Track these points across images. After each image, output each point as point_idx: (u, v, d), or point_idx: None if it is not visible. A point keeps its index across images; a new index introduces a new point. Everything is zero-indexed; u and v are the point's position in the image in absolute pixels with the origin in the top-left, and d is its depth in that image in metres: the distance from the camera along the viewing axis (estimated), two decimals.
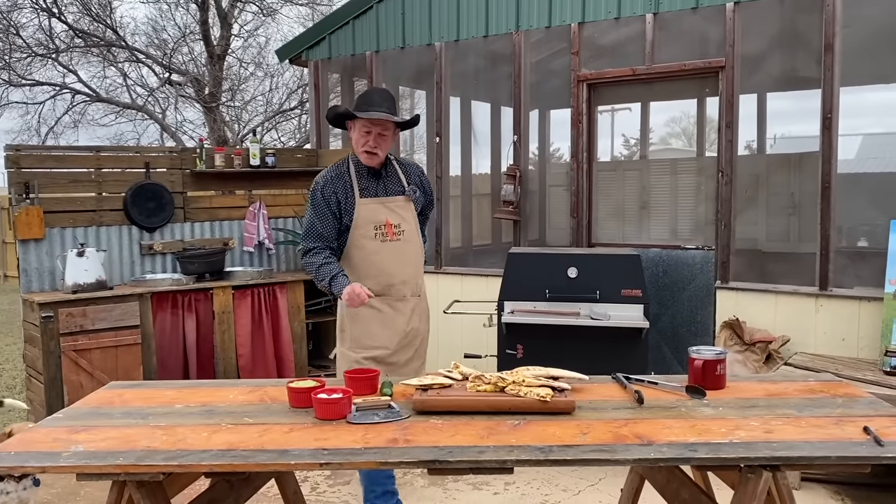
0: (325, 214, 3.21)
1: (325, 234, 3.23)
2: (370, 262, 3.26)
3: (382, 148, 3.17)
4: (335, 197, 3.20)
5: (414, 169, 3.46)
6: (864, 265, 4.88)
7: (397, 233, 3.25)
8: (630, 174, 6.68)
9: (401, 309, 3.31)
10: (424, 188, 3.44)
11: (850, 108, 4.81)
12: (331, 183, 3.23)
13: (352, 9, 6.41)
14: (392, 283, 3.29)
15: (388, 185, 3.29)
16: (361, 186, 3.23)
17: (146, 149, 6.09)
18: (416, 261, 3.40)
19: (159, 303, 5.25)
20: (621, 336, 4.21)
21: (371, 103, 3.12)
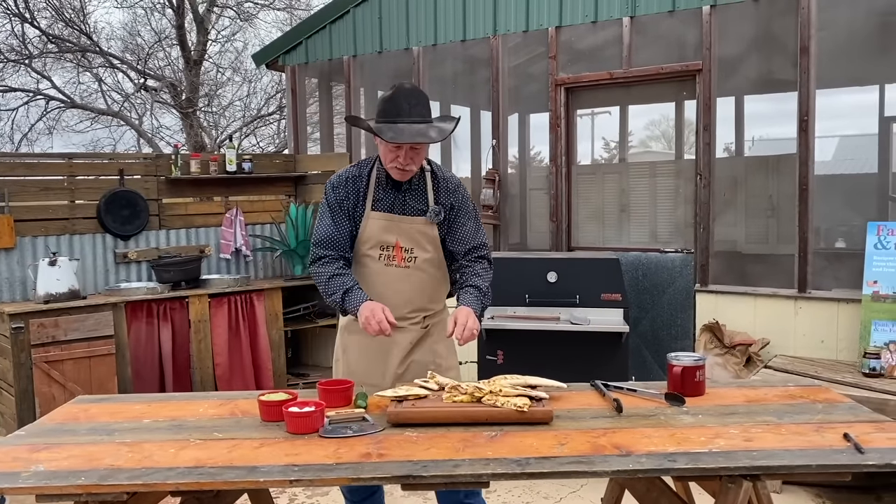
0: (340, 218, 2.72)
1: (339, 240, 2.71)
2: (368, 282, 2.73)
3: (417, 162, 2.63)
4: (349, 200, 2.72)
5: (448, 183, 2.75)
6: (842, 266, 4.89)
7: (407, 259, 2.69)
8: (609, 177, 6.66)
9: (397, 340, 2.70)
10: (456, 208, 2.74)
11: (825, 111, 4.84)
12: (345, 184, 2.74)
13: (329, 13, 6.36)
14: None
15: (408, 200, 2.70)
16: (376, 196, 2.70)
17: (120, 155, 5.99)
18: (428, 292, 2.77)
19: (134, 312, 5.15)
20: (602, 340, 4.18)
21: (399, 112, 2.54)
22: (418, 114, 2.57)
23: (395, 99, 2.58)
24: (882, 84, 7.07)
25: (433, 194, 2.73)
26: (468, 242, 2.77)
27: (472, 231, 2.79)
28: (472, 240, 2.78)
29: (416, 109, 2.57)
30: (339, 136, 7.46)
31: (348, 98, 6.32)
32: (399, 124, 2.53)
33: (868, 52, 5.67)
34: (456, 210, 2.76)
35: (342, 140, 6.60)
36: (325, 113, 6.96)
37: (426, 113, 2.61)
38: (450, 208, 2.74)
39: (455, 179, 2.82)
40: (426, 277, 2.75)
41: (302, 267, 6.06)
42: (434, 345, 2.81)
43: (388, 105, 2.57)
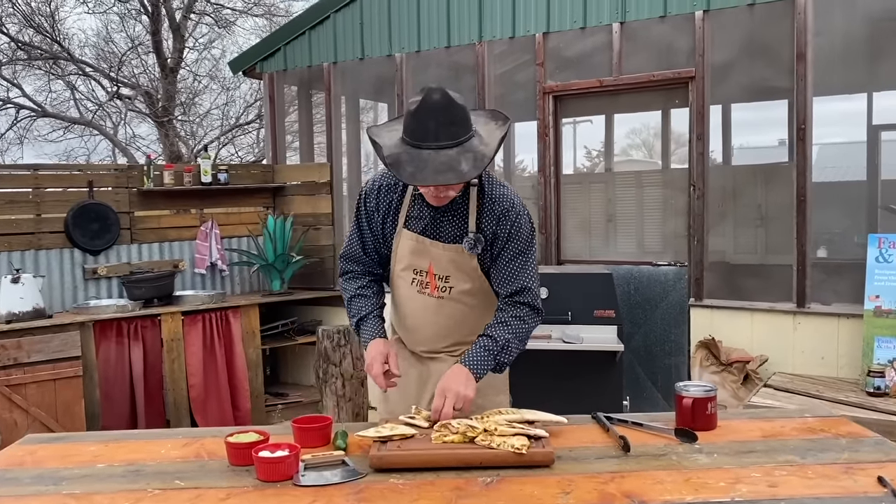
0: (368, 231, 2.35)
1: (366, 255, 2.37)
2: (401, 308, 2.41)
3: (453, 189, 2.14)
4: (379, 213, 2.32)
5: (495, 206, 2.21)
6: (841, 280, 4.73)
7: (441, 288, 2.27)
8: (595, 187, 6.50)
9: (434, 370, 2.36)
10: (501, 239, 2.22)
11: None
12: (376, 194, 2.31)
13: (308, 19, 6.15)
14: (423, 349, 2.43)
15: (444, 222, 2.24)
16: (410, 213, 2.28)
17: (89, 166, 5.74)
18: (469, 325, 2.33)
19: (103, 331, 4.90)
20: (595, 360, 3.99)
21: (425, 135, 2.01)
22: (448, 136, 2.01)
23: (419, 116, 2.03)
24: (870, 92, 6.97)
25: (475, 217, 2.21)
26: (509, 285, 2.25)
27: (515, 271, 2.24)
28: (514, 282, 2.24)
29: (446, 131, 2.01)
30: (319, 146, 7.23)
31: (328, 106, 6.11)
32: (424, 151, 2.00)
33: (857, 60, 5.55)
34: (501, 242, 2.22)
35: (323, 149, 6.38)
36: (304, 122, 6.74)
37: (461, 132, 2.03)
38: (493, 237, 2.22)
39: (507, 200, 2.22)
40: (465, 310, 2.31)
41: (280, 282, 5.83)
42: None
43: (412, 123, 2.05)
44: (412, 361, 2.44)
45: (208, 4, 12.62)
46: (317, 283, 6.07)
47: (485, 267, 2.27)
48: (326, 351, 4.18)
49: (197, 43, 12.83)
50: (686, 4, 4.62)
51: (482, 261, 2.26)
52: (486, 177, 2.26)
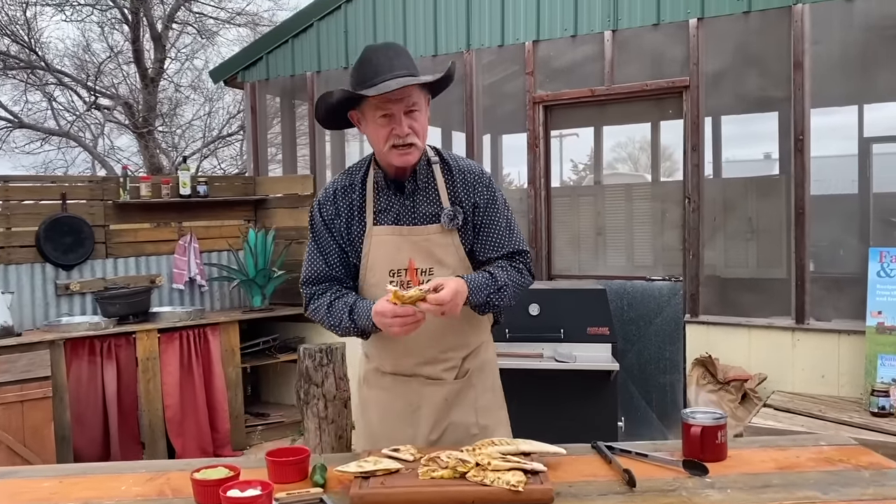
0: (329, 245, 2.14)
1: (332, 272, 2.15)
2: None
3: (419, 131, 2.02)
4: (341, 219, 2.13)
5: (466, 175, 2.13)
6: (841, 295, 4.61)
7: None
8: (585, 200, 6.37)
9: (427, 396, 2.16)
10: (481, 206, 2.12)
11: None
12: (333, 199, 2.14)
13: (291, 27, 6.00)
14: (415, 361, 2.17)
15: (417, 203, 2.10)
16: (378, 206, 2.11)
17: (62, 178, 5.54)
18: (461, 323, 2.13)
19: (74, 350, 4.68)
20: (589, 379, 3.83)
21: (378, 70, 1.95)
22: (401, 66, 1.98)
23: (367, 60, 2.00)
24: (861, 104, 6.90)
25: (446, 192, 2.11)
26: (501, 248, 2.13)
27: (504, 232, 2.14)
28: (507, 244, 2.13)
29: (397, 62, 1.98)
30: (303, 158, 7.06)
31: (312, 116, 5.94)
32: (381, 82, 1.94)
33: (848, 72, 5.46)
34: (482, 209, 2.12)
35: (307, 161, 6.21)
36: (287, 132, 6.57)
37: (410, 65, 2.02)
38: (473, 207, 2.11)
39: (475, 168, 2.16)
40: None
41: (262, 297, 5.63)
42: (477, 400, 2.20)
43: (362, 69, 2.00)
44: (398, 391, 2.22)
45: (190, 14, 12.46)
46: (298, 299, 5.81)
47: (467, 244, 2.13)
48: (308, 370, 3.96)
49: (179, 53, 12.65)
50: (680, 12, 4.51)
51: (464, 237, 2.12)
52: (445, 153, 2.18)
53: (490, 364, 2.28)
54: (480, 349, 2.24)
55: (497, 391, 2.30)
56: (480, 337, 2.25)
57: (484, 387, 2.23)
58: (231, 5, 12.69)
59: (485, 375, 2.24)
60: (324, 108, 2.09)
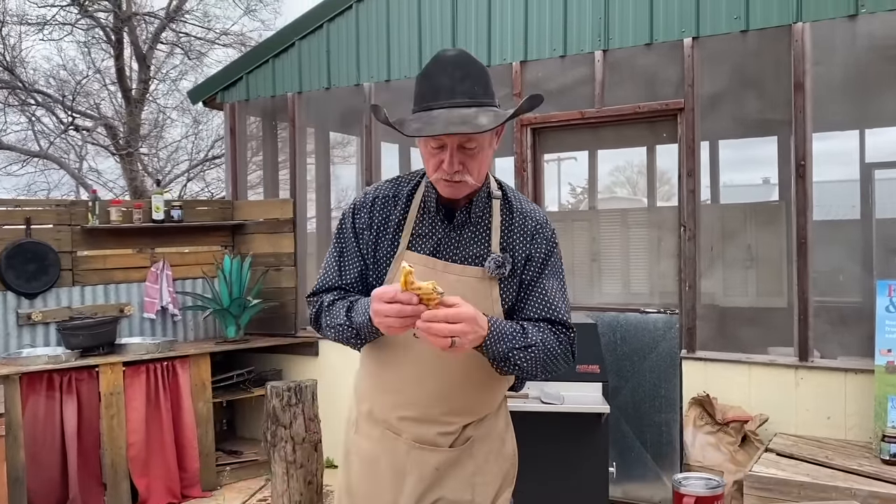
0: (352, 256, 1.87)
1: (348, 282, 1.88)
2: (383, 360, 1.87)
3: (473, 169, 1.73)
4: (372, 231, 1.85)
5: (526, 221, 1.85)
6: (846, 330, 4.35)
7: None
8: (579, 225, 6.14)
9: (418, 461, 1.86)
10: (534, 260, 1.83)
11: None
12: (371, 206, 1.86)
13: (272, 46, 5.79)
14: (407, 415, 1.86)
15: (463, 238, 1.81)
16: (418, 229, 1.82)
17: (26, 202, 5.30)
18: (475, 387, 1.84)
19: (31, 385, 4.40)
20: (578, 422, 3.54)
21: (438, 93, 1.68)
22: (465, 92, 1.67)
23: (432, 74, 1.70)
24: (862, 129, 6.70)
25: (499, 234, 1.81)
26: (543, 312, 1.80)
27: (553, 296, 1.81)
28: (551, 310, 1.80)
29: (462, 86, 1.67)
30: (285, 181, 6.82)
31: (292, 138, 5.71)
32: (434, 110, 1.66)
33: (849, 95, 5.25)
34: (535, 263, 1.82)
35: (288, 185, 5.97)
36: (268, 155, 6.33)
37: (480, 91, 1.70)
38: (526, 259, 1.82)
39: (540, 216, 1.87)
40: (471, 364, 1.78)
41: (236, 328, 5.36)
42: (476, 474, 1.88)
43: (424, 84, 1.71)
44: (385, 447, 1.90)
45: (176, 35, 12.27)
46: (277, 329, 5.60)
47: (507, 300, 1.81)
48: (275, 411, 3.71)
49: (165, 75, 12.45)
50: (674, 31, 4.29)
51: (505, 291, 1.80)
52: (510, 189, 1.90)
53: (498, 432, 1.95)
54: (489, 417, 1.92)
55: (503, 463, 1.95)
56: (494, 403, 1.93)
57: (486, 458, 1.90)
58: (218, 25, 12.56)
59: (489, 445, 1.91)
60: (374, 113, 1.81)
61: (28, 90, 11.13)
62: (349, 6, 5.37)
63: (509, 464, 1.97)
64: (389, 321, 1.61)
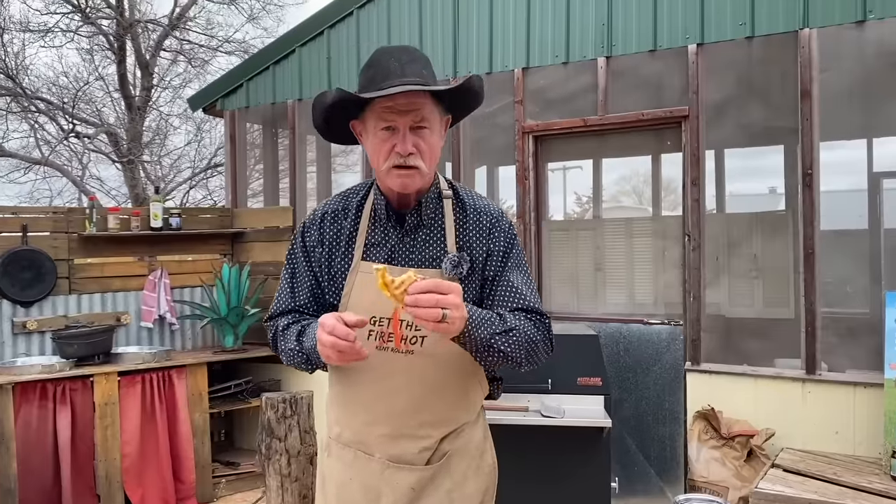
0: (303, 276, 1.84)
1: (301, 304, 1.85)
2: (349, 381, 1.81)
3: (425, 153, 1.71)
4: (324, 248, 1.82)
5: (481, 217, 1.81)
6: (855, 342, 4.27)
7: (410, 339, 1.72)
8: (583, 234, 6.06)
9: (392, 481, 1.79)
10: (494, 255, 1.79)
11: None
12: (320, 223, 1.84)
13: (272, 53, 5.74)
14: (381, 432, 1.79)
15: (417, 242, 1.77)
16: (372, 239, 1.79)
17: (23, 209, 5.24)
18: (449, 394, 1.80)
19: (24, 394, 4.34)
20: (579, 436, 3.46)
21: (387, 74, 1.67)
22: (415, 73, 1.68)
23: (376, 62, 1.71)
24: (870, 137, 6.62)
25: (454, 233, 1.77)
26: (513, 303, 1.76)
27: (520, 288, 1.78)
28: (519, 300, 1.77)
29: (412, 67, 1.68)
30: (286, 190, 6.77)
31: (292, 145, 5.66)
32: (386, 86, 1.65)
33: (858, 103, 5.17)
34: (496, 258, 1.79)
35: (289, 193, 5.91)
36: (269, 162, 6.29)
37: (427, 74, 1.72)
38: (486, 256, 1.78)
39: (494, 210, 1.84)
40: (441, 369, 1.74)
41: (234, 338, 5.29)
42: (453, 491, 1.80)
43: (369, 71, 1.71)
44: (358, 469, 1.83)
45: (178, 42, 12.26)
46: None
47: (470, 299, 1.75)
48: (270, 423, 3.63)
49: (169, 82, 12.43)
50: (678, 37, 4.22)
51: (468, 290, 1.75)
52: (461, 188, 1.87)
53: (476, 444, 1.88)
54: (467, 427, 1.85)
55: (483, 478, 1.88)
56: (470, 411, 1.86)
57: (465, 475, 1.83)
58: (221, 33, 12.54)
59: (468, 460, 1.84)
60: (321, 114, 1.76)
61: (30, 97, 11.12)
62: (350, 13, 5.33)
63: (489, 479, 1.91)
64: (326, 351, 1.60)
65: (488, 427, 1.97)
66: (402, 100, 1.64)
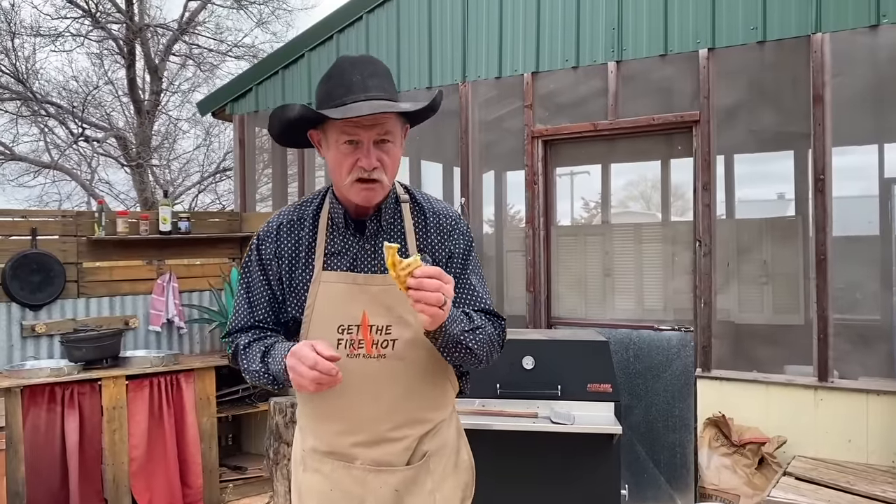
0: (259, 290, 1.82)
1: (260, 319, 1.82)
2: (319, 393, 1.74)
3: (388, 167, 1.71)
4: (282, 261, 1.79)
5: (440, 220, 1.84)
6: (868, 349, 4.22)
7: (381, 343, 1.72)
8: (592, 240, 6.03)
9: (373, 486, 1.78)
10: (454, 257, 1.83)
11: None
12: (276, 236, 1.81)
13: (281, 58, 5.75)
14: (357, 440, 1.79)
15: (378, 248, 1.77)
16: (330, 248, 1.77)
17: (32, 212, 5.26)
18: (421, 394, 1.80)
19: (32, 398, 4.33)
20: (589, 442, 3.43)
21: (350, 88, 1.65)
22: (378, 86, 1.66)
23: (338, 75, 1.68)
24: (881, 143, 6.58)
25: (416, 237, 1.80)
26: (473, 305, 1.81)
27: (478, 291, 1.83)
28: (478, 302, 1.82)
29: (373, 81, 1.66)
30: (295, 194, 6.78)
31: (301, 150, 5.66)
32: (351, 103, 1.63)
33: (870, 107, 5.14)
34: (457, 260, 1.82)
35: (297, 197, 5.92)
36: (278, 167, 6.29)
37: (389, 87, 1.70)
38: (447, 257, 1.80)
39: (452, 213, 1.87)
40: (413, 369, 1.75)
41: None
42: (435, 490, 1.81)
43: (331, 83, 1.68)
44: (336, 478, 1.81)
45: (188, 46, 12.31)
46: None
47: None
48: (278, 427, 3.62)
49: (178, 87, 12.48)
50: (689, 42, 4.20)
51: None
52: (418, 193, 1.89)
53: (452, 442, 1.90)
54: (442, 426, 1.87)
55: (461, 475, 1.91)
56: (444, 410, 1.87)
57: (444, 474, 1.85)
58: (230, 38, 12.59)
59: (445, 459, 1.86)
60: (278, 124, 1.74)
61: (40, 101, 11.18)
62: (359, 17, 5.33)
63: (468, 475, 1.94)
64: (304, 383, 1.59)
65: (461, 424, 2.00)
66: (368, 116, 1.62)
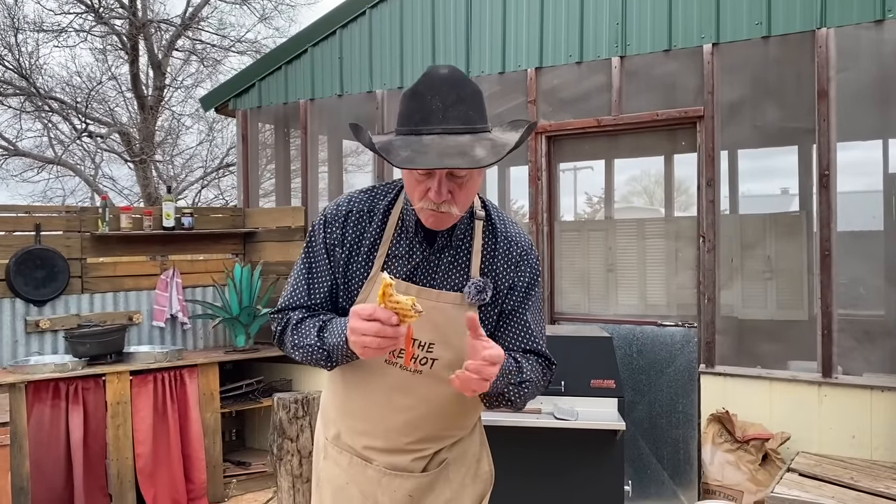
0: (323, 273, 1.72)
1: (317, 303, 1.73)
2: (353, 386, 1.75)
3: (461, 200, 1.59)
4: (344, 249, 1.70)
5: (511, 246, 1.73)
6: (872, 345, 4.21)
7: (420, 360, 1.66)
8: (595, 235, 6.02)
9: (388, 488, 1.76)
10: (516, 289, 1.72)
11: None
12: (344, 220, 1.72)
13: (284, 53, 5.73)
14: (371, 444, 1.77)
15: (442, 261, 1.69)
16: (394, 250, 1.69)
17: (36, 208, 5.26)
18: (448, 416, 1.75)
19: (37, 393, 4.34)
20: (592, 438, 3.43)
21: (427, 117, 1.51)
22: (458, 117, 1.51)
23: (419, 94, 1.53)
24: (886, 138, 6.56)
25: (480, 258, 1.69)
26: (526, 343, 1.73)
27: (534, 328, 1.74)
28: (531, 341, 1.73)
29: (455, 111, 1.51)
30: (298, 189, 6.77)
31: (304, 145, 5.65)
32: (424, 137, 1.50)
33: (874, 103, 5.11)
34: (517, 293, 1.72)
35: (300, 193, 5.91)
36: (280, 162, 6.29)
37: (475, 116, 1.54)
38: (509, 288, 1.71)
39: (524, 241, 1.76)
40: (445, 393, 1.66)
41: (245, 337, 5.29)
42: (453, 498, 1.78)
43: (412, 104, 1.54)
44: (353, 474, 1.80)
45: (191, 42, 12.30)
46: None
47: (486, 328, 1.67)
48: (282, 423, 3.62)
49: (181, 82, 12.48)
50: (693, 37, 4.19)
51: (485, 319, 1.68)
52: (494, 210, 1.77)
53: (473, 452, 1.86)
54: (463, 440, 1.84)
55: (480, 485, 1.87)
56: (465, 428, 1.84)
57: (462, 482, 1.81)
58: (233, 33, 12.58)
59: (465, 467, 1.83)
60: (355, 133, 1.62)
61: (44, 97, 11.18)
62: (362, 12, 5.32)
63: (486, 485, 1.90)
64: (366, 340, 1.47)
65: (485, 434, 1.96)
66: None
